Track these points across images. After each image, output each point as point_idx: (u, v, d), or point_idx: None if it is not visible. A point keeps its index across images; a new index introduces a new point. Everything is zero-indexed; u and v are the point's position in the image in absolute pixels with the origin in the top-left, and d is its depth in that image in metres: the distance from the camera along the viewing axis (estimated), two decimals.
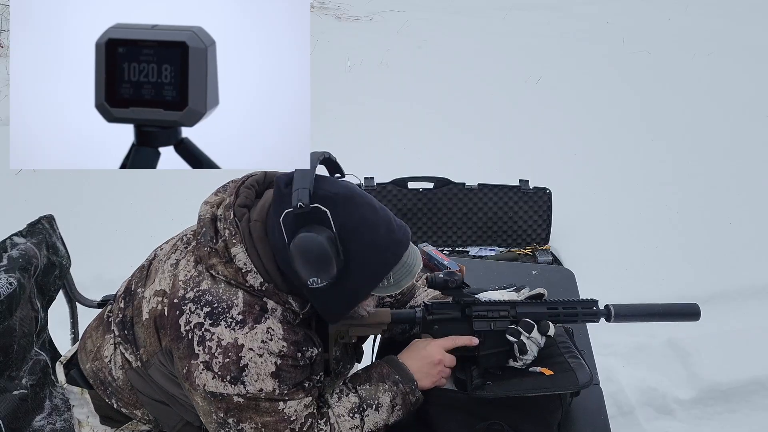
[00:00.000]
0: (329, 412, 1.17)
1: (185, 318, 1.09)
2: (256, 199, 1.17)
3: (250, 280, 1.09)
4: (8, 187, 3.51)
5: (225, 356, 1.06)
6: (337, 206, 1.04)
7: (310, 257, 1.02)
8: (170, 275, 1.17)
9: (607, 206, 3.47)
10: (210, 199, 1.19)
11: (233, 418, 1.10)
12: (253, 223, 1.11)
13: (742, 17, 6.89)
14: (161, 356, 1.16)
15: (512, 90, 4.95)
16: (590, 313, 1.28)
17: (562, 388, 1.22)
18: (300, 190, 1.01)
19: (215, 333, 1.07)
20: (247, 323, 1.07)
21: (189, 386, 1.10)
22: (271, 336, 1.08)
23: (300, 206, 1.01)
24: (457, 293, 1.26)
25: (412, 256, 1.13)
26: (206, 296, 1.09)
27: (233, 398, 1.07)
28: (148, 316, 1.17)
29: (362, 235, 1.05)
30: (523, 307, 1.27)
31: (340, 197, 1.05)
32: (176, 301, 1.11)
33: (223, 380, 1.06)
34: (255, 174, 1.21)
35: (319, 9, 6.85)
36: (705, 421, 2.29)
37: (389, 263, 1.09)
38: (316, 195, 1.04)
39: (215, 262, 1.10)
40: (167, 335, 1.12)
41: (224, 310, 1.08)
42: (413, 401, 1.22)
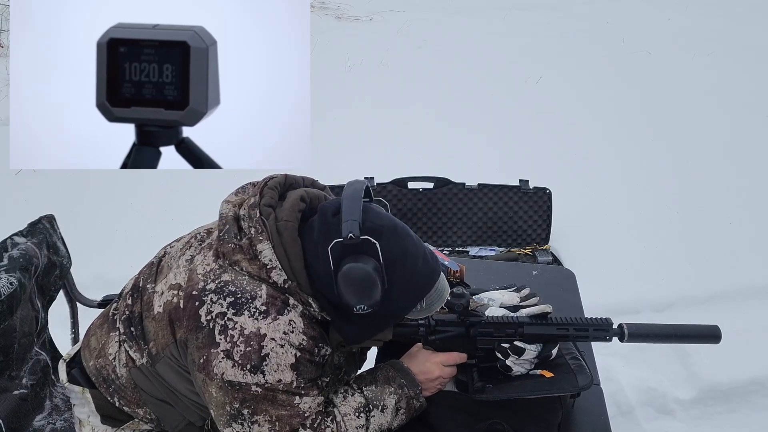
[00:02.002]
0: (335, 411, 1.18)
1: (206, 308, 1.10)
2: (279, 201, 1.19)
3: (273, 277, 1.11)
4: (8, 187, 3.51)
5: (247, 345, 1.07)
6: (382, 238, 1.09)
7: (359, 286, 1.07)
8: (186, 270, 1.18)
9: (607, 206, 3.48)
10: (231, 199, 1.21)
11: (248, 410, 1.10)
12: (283, 223, 1.13)
13: (742, 17, 6.89)
14: (173, 349, 1.16)
15: (512, 90, 4.95)
16: (602, 333, 1.25)
17: (562, 390, 1.22)
18: (350, 222, 1.06)
19: (238, 322, 1.08)
20: (270, 314, 1.09)
21: (205, 376, 1.11)
22: (293, 328, 1.09)
23: (351, 237, 1.05)
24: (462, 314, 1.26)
25: (442, 283, 1.19)
26: (229, 287, 1.11)
27: (251, 388, 1.08)
28: (161, 310, 1.18)
29: (404, 266, 1.11)
30: (531, 327, 1.25)
31: (386, 229, 1.10)
32: (195, 293, 1.12)
33: (243, 369, 1.07)
34: (276, 176, 1.23)
35: (319, 9, 6.85)
36: (705, 421, 2.29)
37: (425, 290, 1.15)
38: (365, 227, 1.08)
39: (240, 258, 1.12)
40: (183, 326, 1.13)
41: (248, 300, 1.09)
42: (417, 406, 1.24)
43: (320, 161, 1.70)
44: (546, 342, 1.25)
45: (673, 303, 2.78)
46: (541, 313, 1.28)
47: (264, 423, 1.11)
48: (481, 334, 1.26)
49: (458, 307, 1.24)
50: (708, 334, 1.26)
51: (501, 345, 1.25)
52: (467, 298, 1.24)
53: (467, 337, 1.26)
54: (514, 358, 1.25)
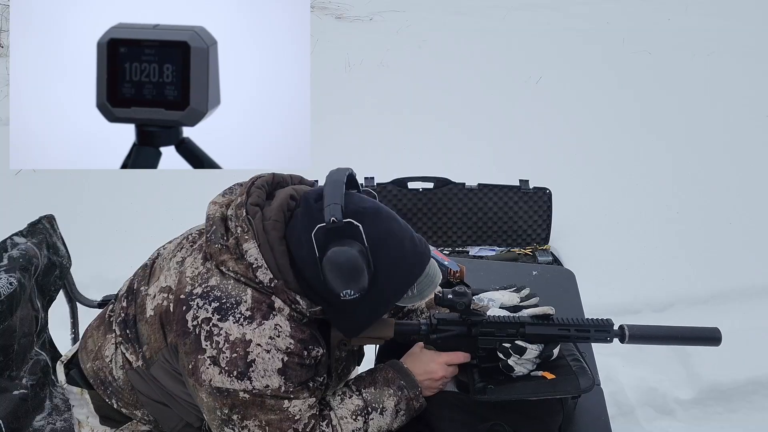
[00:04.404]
0: (331, 414, 1.18)
1: (192, 313, 1.10)
2: (267, 200, 1.18)
3: (260, 276, 1.10)
4: (8, 187, 3.51)
5: (232, 351, 1.06)
6: (365, 220, 1.07)
7: (344, 270, 1.05)
8: (176, 272, 1.18)
9: (607, 206, 3.48)
10: (218, 200, 1.21)
11: (238, 415, 1.10)
12: (270, 222, 1.12)
13: (742, 17, 6.89)
14: (166, 352, 1.16)
15: (512, 90, 4.95)
16: (603, 334, 1.25)
17: (564, 392, 1.22)
18: (332, 205, 1.05)
19: (223, 328, 1.07)
20: (255, 319, 1.08)
21: (194, 382, 1.10)
22: (279, 332, 1.09)
23: (333, 221, 1.04)
24: (464, 312, 1.26)
25: (433, 268, 1.18)
26: (215, 292, 1.10)
27: (239, 394, 1.08)
28: (153, 313, 1.17)
29: (390, 248, 1.10)
30: (532, 327, 1.25)
31: (369, 212, 1.09)
32: (183, 297, 1.12)
33: (230, 375, 1.07)
34: (263, 175, 1.22)
35: (319, 9, 6.85)
36: (705, 421, 2.29)
37: (415, 274, 1.14)
38: (347, 210, 1.07)
39: (226, 258, 1.12)
40: (173, 331, 1.13)
41: (233, 305, 1.09)
42: (417, 407, 1.23)
43: (320, 161, 1.70)
44: (547, 342, 1.25)
45: (673, 303, 2.78)
46: (543, 314, 1.28)
47: (254, 428, 1.11)
48: (483, 334, 1.25)
49: (460, 306, 1.23)
50: (708, 337, 1.25)
51: (503, 345, 1.25)
52: (469, 297, 1.24)
53: (469, 337, 1.26)
54: (516, 358, 1.24)
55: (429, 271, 1.16)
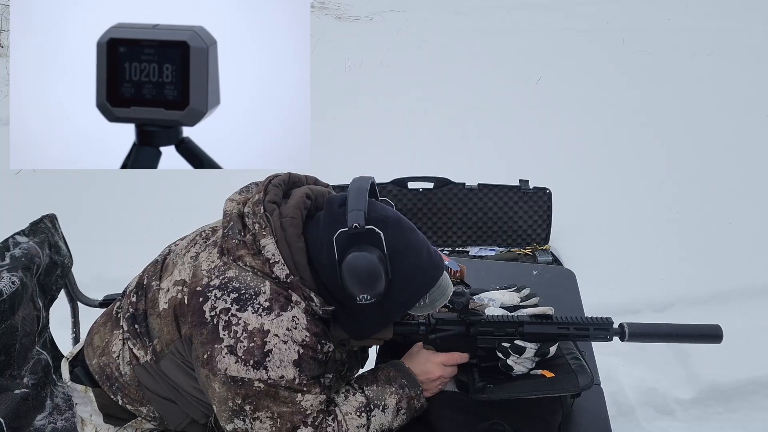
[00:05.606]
0: (336, 410, 1.19)
1: (210, 304, 1.11)
2: (283, 198, 1.20)
3: (276, 271, 1.12)
4: (8, 187, 3.52)
5: (250, 341, 1.08)
6: (387, 229, 1.10)
7: (363, 275, 1.07)
8: (190, 266, 1.19)
9: (607, 206, 3.48)
10: (235, 197, 1.23)
11: (250, 406, 1.11)
12: (287, 219, 1.14)
13: (742, 17, 6.90)
14: (179, 344, 1.17)
15: (512, 90, 4.95)
16: (603, 332, 1.25)
17: (563, 390, 1.22)
18: (355, 211, 1.08)
19: (242, 318, 1.09)
20: (273, 310, 1.09)
21: (209, 371, 1.11)
22: (296, 324, 1.10)
23: (355, 227, 1.06)
24: (462, 312, 1.27)
25: (446, 280, 1.20)
26: (233, 283, 1.12)
27: (254, 383, 1.09)
28: (166, 306, 1.18)
29: (407, 258, 1.12)
30: (531, 326, 1.26)
31: (391, 221, 1.12)
32: (199, 289, 1.13)
33: (246, 364, 1.08)
34: (280, 174, 1.25)
35: (319, 9, 6.86)
36: (705, 421, 2.29)
37: (428, 284, 1.16)
38: (370, 217, 1.09)
39: (243, 253, 1.13)
40: (187, 322, 1.14)
41: (252, 296, 1.10)
42: (417, 407, 1.24)
43: (320, 161, 1.70)
44: (546, 341, 1.25)
45: (673, 303, 2.78)
46: (543, 314, 1.28)
47: (266, 419, 1.12)
48: (482, 333, 1.26)
49: (458, 305, 1.24)
50: (709, 334, 1.25)
51: (502, 344, 1.26)
52: (467, 297, 1.25)
53: (467, 336, 1.27)
54: (515, 357, 1.25)
55: (442, 283, 1.18)
